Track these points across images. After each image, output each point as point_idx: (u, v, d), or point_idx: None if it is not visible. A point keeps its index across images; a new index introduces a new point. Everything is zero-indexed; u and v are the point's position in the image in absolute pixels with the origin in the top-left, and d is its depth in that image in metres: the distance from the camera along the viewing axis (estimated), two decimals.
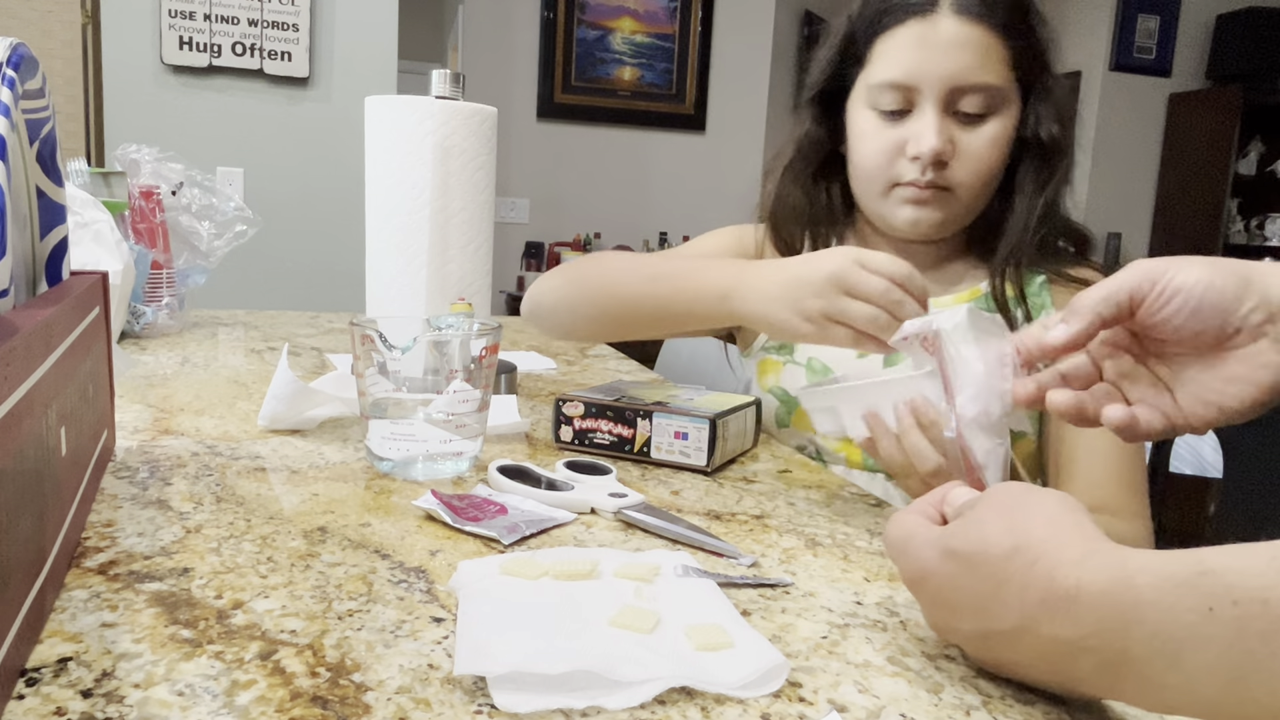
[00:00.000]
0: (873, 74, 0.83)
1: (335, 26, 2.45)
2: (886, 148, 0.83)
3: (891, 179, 0.83)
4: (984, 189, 0.84)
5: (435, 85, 0.95)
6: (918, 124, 0.80)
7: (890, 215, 0.85)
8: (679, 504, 0.65)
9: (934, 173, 0.81)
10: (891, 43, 0.82)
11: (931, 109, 0.80)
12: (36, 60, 0.53)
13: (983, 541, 0.39)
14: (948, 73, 0.79)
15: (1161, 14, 4.67)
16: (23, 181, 0.52)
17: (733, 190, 4.32)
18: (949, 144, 0.80)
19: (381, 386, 0.65)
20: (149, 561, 0.49)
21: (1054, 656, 0.36)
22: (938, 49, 0.79)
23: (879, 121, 0.83)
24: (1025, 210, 0.84)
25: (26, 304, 0.48)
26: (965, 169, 0.81)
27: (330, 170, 2.49)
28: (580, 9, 4.06)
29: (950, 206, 0.83)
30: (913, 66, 0.80)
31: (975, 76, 0.79)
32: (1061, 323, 0.51)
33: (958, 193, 0.82)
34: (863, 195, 0.88)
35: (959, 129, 0.81)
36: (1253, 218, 4.75)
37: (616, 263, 0.87)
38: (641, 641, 0.42)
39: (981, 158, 0.81)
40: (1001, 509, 0.40)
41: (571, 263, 0.92)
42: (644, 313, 0.82)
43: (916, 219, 0.84)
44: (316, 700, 0.36)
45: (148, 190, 1.28)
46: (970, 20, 0.79)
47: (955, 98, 0.80)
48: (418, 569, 0.50)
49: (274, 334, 1.32)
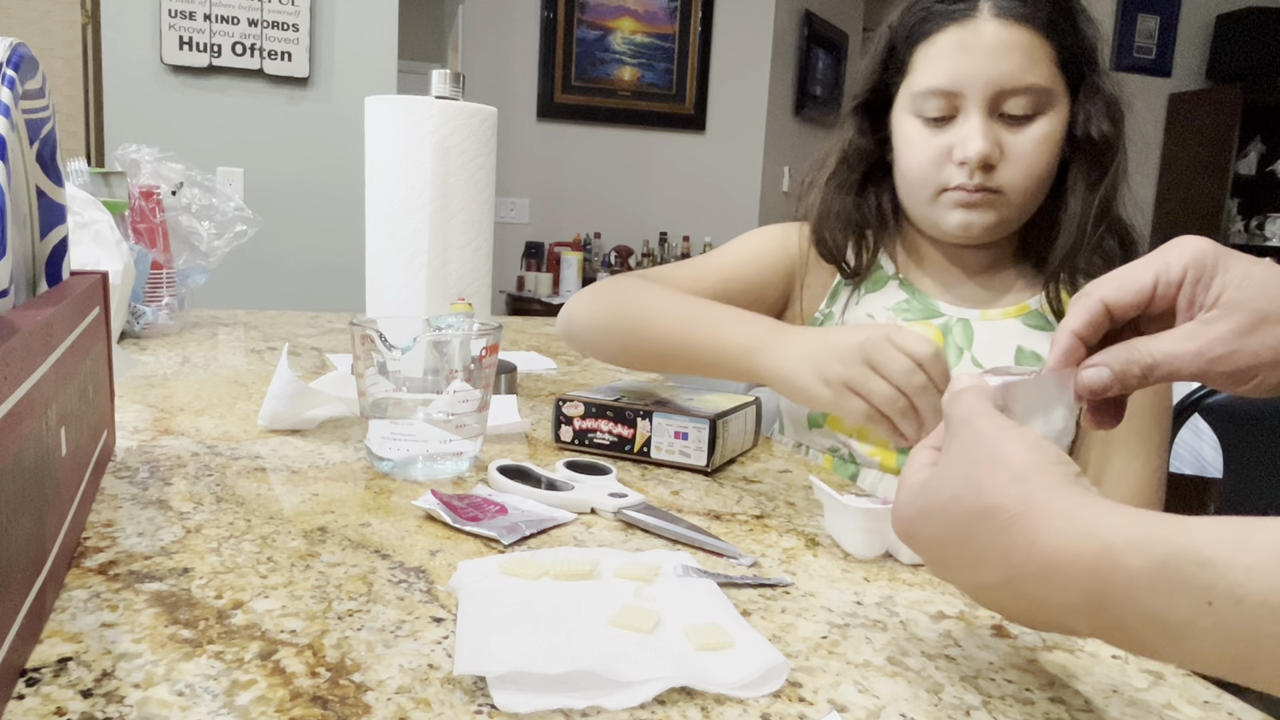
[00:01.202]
0: (915, 82, 0.83)
1: (335, 26, 2.45)
2: (933, 155, 0.82)
3: (939, 185, 0.82)
4: (1035, 190, 0.82)
5: (435, 85, 0.95)
6: (963, 129, 0.80)
7: (940, 220, 0.84)
8: (679, 504, 0.65)
9: (982, 177, 0.80)
10: (932, 49, 0.81)
11: (976, 113, 0.79)
12: (36, 60, 0.53)
13: (956, 500, 0.37)
14: (991, 77, 0.78)
15: (1161, 14, 4.68)
16: (23, 181, 0.52)
17: (733, 190, 4.31)
18: (996, 147, 0.79)
19: (381, 386, 0.65)
20: (149, 561, 0.49)
21: (1048, 611, 0.35)
22: (980, 53, 0.78)
23: (924, 129, 0.82)
24: (1079, 211, 0.82)
25: (26, 304, 0.48)
26: (1014, 171, 0.80)
27: (330, 170, 2.49)
28: (580, 9, 4.06)
29: (1001, 209, 0.82)
30: (955, 72, 0.79)
31: (1019, 79, 0.78)
32: (1102, 366, 0.46)
33: (1008, 195, 0.81)
34: (911, 202, 0.87)
35: (1005, 131, 0.80)
36: (1253, 218, 4.75)
37: (650, 300, 0.84)
38: (641, 641, 0.42)
39: (1030, 159, 0.80)
40: (970, 462, 0.38)
41: (607, 285, 0.90)
42: (672, 357, 0.81)
43: (968, 222, 0.82)
44: (316, 700, 0.36)
45: (148, 190, 1.28)
46: (1012, 22, 0.78)
47: (1000, 100, 0.79)
48: (418, 569, 0.50)
49: (274, 334, 1.32)
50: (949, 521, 0.38)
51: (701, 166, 4.31)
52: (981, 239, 0.84)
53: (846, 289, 0.93)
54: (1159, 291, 0.45)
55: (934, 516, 0.39)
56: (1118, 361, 0.44)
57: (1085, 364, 0.45)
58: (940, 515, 0.39)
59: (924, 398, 0.61)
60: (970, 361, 0.85)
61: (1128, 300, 0.46)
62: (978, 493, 0.37)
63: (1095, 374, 0.45)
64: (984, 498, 0.36)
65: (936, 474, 0.40)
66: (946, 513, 0.38)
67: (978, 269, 0.89)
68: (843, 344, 0.64)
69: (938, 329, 0.87)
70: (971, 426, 0.40)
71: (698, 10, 4.16)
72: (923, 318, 0.89)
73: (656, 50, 4.17)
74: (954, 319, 0.88)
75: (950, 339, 0.87)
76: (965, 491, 0.37)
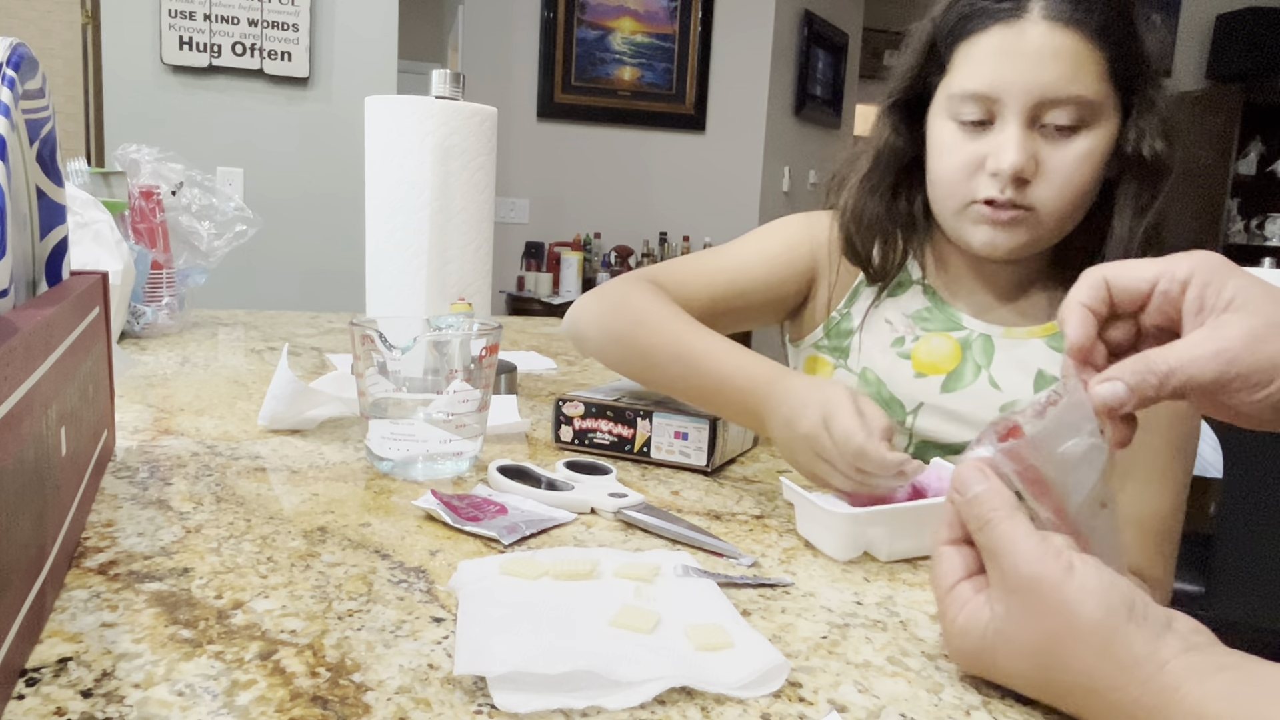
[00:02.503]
0: (954, 83, 0.78)
1: (335, 26, 2.45)
2: (966, 162, 0.77)
3: (968, 195, 0.78)
4: (1071, 210, 0.77)
5: (435, 85, 0.95)
6: (999, 138, 0.74)
7: (965, 234, 0.79)
8: (679, 504, 0.65)
9: (1014, 191, 0.75)
10: (975, 50, 0.76)
11: (1015, 122, 0.74)
12: (36, 60, 0.53)
13: (1043, 671, 0.38)
14: (1034, 84, 0.73)
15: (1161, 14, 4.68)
16: (23, 181, 0.52)
17: (733, 190, 4.31)
18: (1031, 161, 0.74)
19: (381, 386, 0.65)
20: (149, 561, 0.49)
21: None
22: (1024, 58, 0.73)
23: (959, 133, 0.78)
24: (1125, 235, 0.77)
25: (26, 304, 0.48)
26: (1049, 188, 0.75)
27: (330, 170, 2.49)
28: (580, 9, 4.06)
29: (1032, 228, 0.77)
30: (996, 77, 0.74)
31: (1064, 89, 0.72)
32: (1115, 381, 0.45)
33: (1040, 214, 0.76)
34: (939, 209, 0.83)
35: (1045, 144, 0.75)
36: (1253, 218, 4.75)
37: (652, 327, 0.78)
38: (641, 641, 0.42)
39: (1068, 177, 0.75)
40: (1043, 633, 0.38)
41: (613, 300, 0.83)
42: (677, 391, 0.77)
43: (993, 242, 0.77)
44: (316, 700, 0.36)
45: (148, 190, 1.28)
46: (1062, 26, 0.72)
47: (1042, 111, 0.74)
48: (418, 569, 0.50)
49: (274, 334, 1.32)
50: (1029, 684, 0.40)
51: (701, 166, 4.31)
52: (1008, 258, 0.80)
53: (869, 291, 0.89)
54: (1161, 287, 0.44)
55: (1016, 670, 0.40)
56: (1132, 374, 0.43)
57: (1097, 379, 0.44)
58: (1028, 678, 0.39)
59: (872, 485, 0.59)
60: (988, 381, 0.81)
61: (1126, 283, 0.45)
62: (1065, 669, 0.38)
63: (1110, 389, 0.43)
64: (1072, 674, 0.37)
65: (1003, 632, 0.40)
66: (1035, 678, 0.39)
67: (1007, 284, 0.85)
68: (797, 431, 0.63)
69: (957, 342, 0.84)
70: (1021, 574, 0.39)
71: (698, 10, 4.16)
72: (943, 329, 0.85)
73: (656, 50, 4.17)
74: (975, 334, 0.84)
75: (969, 354, 0.83)
76: (1051, 665, 0.38)
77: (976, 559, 0.42)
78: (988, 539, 0.41)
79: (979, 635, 0.40)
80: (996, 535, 0.40)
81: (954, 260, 0.87)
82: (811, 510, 0.58)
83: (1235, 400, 0.43)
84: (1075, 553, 0.39)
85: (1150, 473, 0.78)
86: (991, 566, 0.41)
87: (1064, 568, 0.38)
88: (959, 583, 0.42)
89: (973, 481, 0.42)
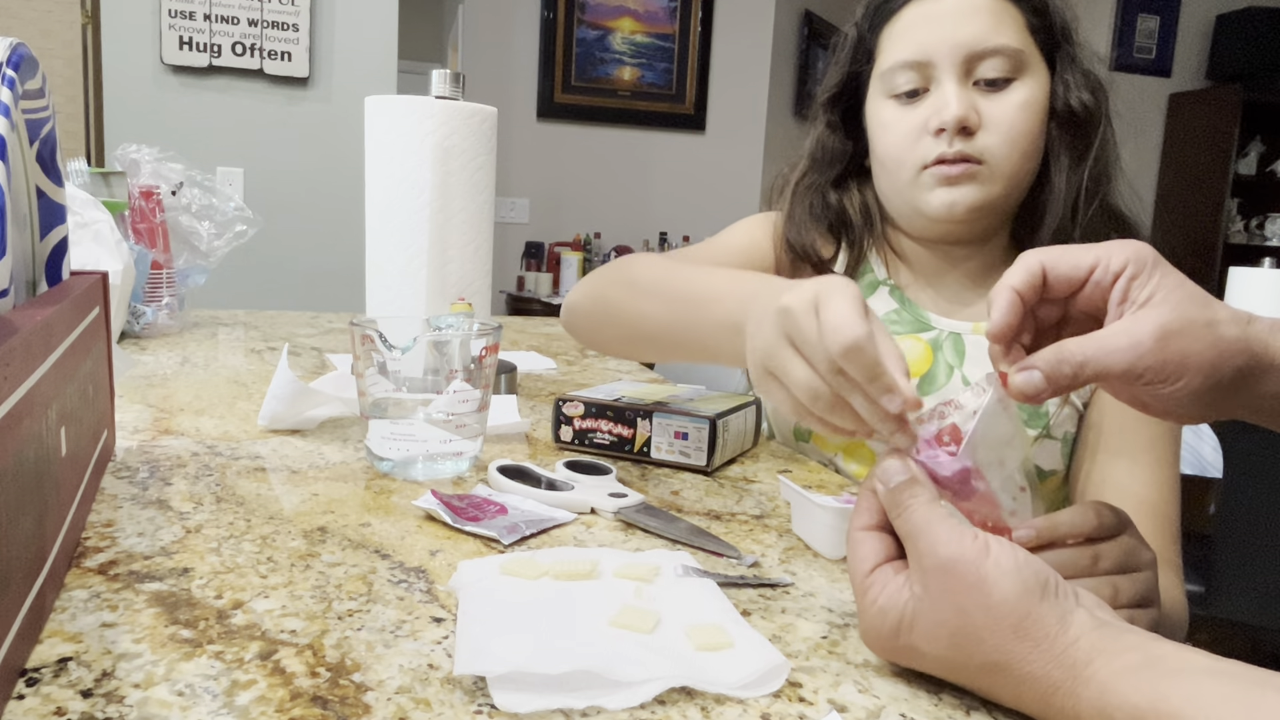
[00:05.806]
0: (884, 61, 0.80)
1: (335, 26, 2.45)
2: (909, 130, 0.78)
3: (918, 161, 0.78)
4: (1020, 161, 0.77)
5: (435, 85, 0.95)
6: (937, 97, 0.77)
7: (923, 203, 0.79)
8: (679, 504, 0.65)
9: (961, 143, 0.76)
10: (897, 27, 0.80)
11: (949, 80, 0.76)
12: (36, 60, 0.53)
13: (957, 651, 0.39)
14: (958, 39, 0.76)
15: (1161, 14, 4.67)
16: (23, 181, 0.52)
17: (733, 190, 4.31)
18: (973, 111, 0.75)
19: (381, 386, 0.65)
20: (149, 561, 0.49)
21: None
22: (946, 19, 0.76)
23: (898, 108, 0.80)
24: (1064, 186, 0.78)
25: (26, 304, 0.48)
26: (995, 137, 0.76)
27: (330, 170, 2.49)
28: (580, 9, 4.06)
29: (986, 182, 0.77)
30: (923, 41, 0.77)
31: (990, 39, 0.75)
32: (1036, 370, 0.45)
33: (991, 165, 0.77)
34: (891, 192, 0.83)
35: (982, 98, 0.76)
36: (1253, 217, 4.75)
37: (641, 276, 0.76)
38: (641, 641, 0.42)
39: (1011, 123, 0.76)
40: (959, 611, 0.38)
41: (602, 272, 0.83)
42: (666, 343, 0.72)
43: (951, 200, 0.77)
44: (316, 700, 0.36)
45: (148, 190, 1.28)
46: None
47: (973, 65, 0.76)
48: (418, 569, 0.50)
49: (274, 334, 1.32)
50: (951, 668, 0.40)
51: (701, 166, 4.31)
52: (967, 219, 0.79)
53: None
54: (1095, 276, 0.46)
55: (927, 658, 0.40)
56: (1047, 363, 0.45)
57: (1016, 367, 0.46)
58: (941, 659, 0.40)
59: (845, 394, 0.47)
60: (960, 380, 0.81)
61: (1063, 270, 0.46)
62: (982, 648, 0.38)
63: (1026, 378, 0.45)
64: (989, 653, 0.38)
65: (927, 618, 0.40)
66: (951, 664, 0.40)
67: (969, 272, 0.85)
68: (774, 305, 0.50)
69: (928, 344, 0.84)
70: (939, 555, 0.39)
71: (698, 10, 4.16)
72: (913, 330, 0.85)
73: (656, 50, 4.17)
74: (945, 333, 0.84)
75: (940, 355, 0.83)
76: (966, 643, 0.38)
77: (896, 544, 0.44)
78: (906, 523, 0.42)
79: (897, 615, 0.41)
80: (915, 519, 0.41)
81: (913, 254, 0.87)
82: (805, 506, 0.58)
83: (1145, 392, 0.45)
84: (990, 535, 0.40)
85: (1136, 450, 0.78)
86: (910, 549, 0.42)
87: (980, 548, 0.39)
88: (880, 565, 0.43)
89: (895, 473, 0.44)
